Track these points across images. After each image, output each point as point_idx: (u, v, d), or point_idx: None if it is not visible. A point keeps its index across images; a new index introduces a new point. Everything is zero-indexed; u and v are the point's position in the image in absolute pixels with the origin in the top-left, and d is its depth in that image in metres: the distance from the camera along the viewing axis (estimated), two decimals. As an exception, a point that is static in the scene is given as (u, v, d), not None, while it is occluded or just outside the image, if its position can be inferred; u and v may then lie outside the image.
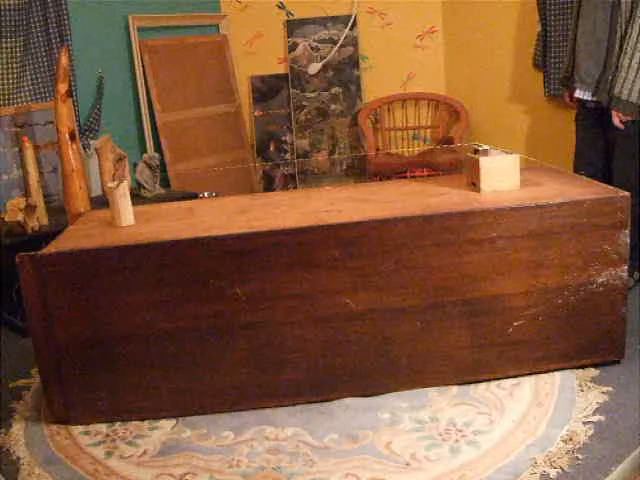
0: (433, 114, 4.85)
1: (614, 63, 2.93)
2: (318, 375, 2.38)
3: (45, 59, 3.84)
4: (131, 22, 4.29)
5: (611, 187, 2.48)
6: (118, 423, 2.37)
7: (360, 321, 2.34)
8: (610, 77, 2.94)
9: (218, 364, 2.34)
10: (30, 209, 3.28)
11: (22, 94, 3.76)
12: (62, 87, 2.98)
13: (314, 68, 4.88)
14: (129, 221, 2.56)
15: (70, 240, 2.42)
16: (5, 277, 3.18)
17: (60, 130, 2.97)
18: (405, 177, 4.32)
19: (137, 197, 3.77)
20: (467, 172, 2.68)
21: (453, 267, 2.33)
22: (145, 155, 4.02)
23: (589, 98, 3.10)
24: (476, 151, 2.60)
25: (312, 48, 4.87)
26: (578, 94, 3.14)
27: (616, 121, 2.94)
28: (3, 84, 3.66)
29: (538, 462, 1.99)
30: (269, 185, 5.04)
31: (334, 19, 4.83)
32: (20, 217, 3.21)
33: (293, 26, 4.87)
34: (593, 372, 2.47)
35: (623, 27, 2.87)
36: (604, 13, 2.94)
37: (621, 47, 2.88)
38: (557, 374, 2.46)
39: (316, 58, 4.88)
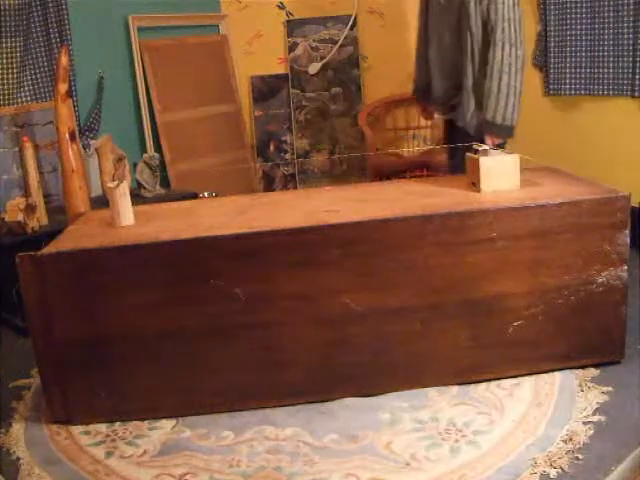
0: (433, 114, 4.84)
1: (469, 86, 2.94)
2: (318, 375, 2.38)
3: (45, 59, 3.83)
4: (131, 22, 4.29)
5: (611, 187, 2.48)
6: (118, 423, 2.36)
7: (360, 321, 2.34)
8: (466, 101, 2.96)
9: (218, 364, 2.34)
10: (30, 209, 3.28)
11: (22, 94, 3.75)
12: (62, 87, 2.98)
13: (314, 68, 4.88)
14: (129, 221, 2.56)
15: (70, 240, 2.42)
16: (5, 277, 3.17)
17: (60, 130, 2.97)
18: (405, 177, 4.32)
19: (137, 197, 3.76)
20: (467, 172, 2.68)
21: (453, 267, 2.33)
22: (145, 155, 4.02)
23: (445, 117, 3.15)
24: (476, 151, 2.60)
25: (312, 48, 4.87)
26: (437, 116, 3.20)
27: (489, 144, 2.96)
28: (3, 84, 3.66)
29: (538, 462, 1.99)
30: (269, 185, 5.04)
31: (334, 19, 4.83)
32: (20, 217, 3.21)
33: (293, 26, 4.87)
34: (593, 372, 2.47)
35: (475, 50, 2.87)
36: (451, 36, 2.94)
37: (473, 70, 2.91)
38: (557, 374, 2.46)
39: (316, 58, 4.88)
